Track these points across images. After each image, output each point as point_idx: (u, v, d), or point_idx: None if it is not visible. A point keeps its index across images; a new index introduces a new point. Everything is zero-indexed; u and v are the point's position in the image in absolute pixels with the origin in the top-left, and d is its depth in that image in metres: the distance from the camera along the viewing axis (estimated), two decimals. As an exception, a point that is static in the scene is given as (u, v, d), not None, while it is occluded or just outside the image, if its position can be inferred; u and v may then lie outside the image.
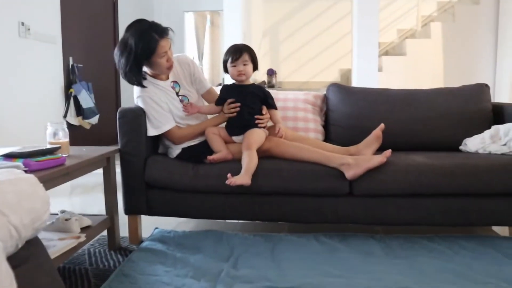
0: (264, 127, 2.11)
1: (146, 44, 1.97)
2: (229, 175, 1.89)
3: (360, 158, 1.96)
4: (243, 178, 1.89)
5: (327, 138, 2.45)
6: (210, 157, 2.02)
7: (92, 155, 1.83)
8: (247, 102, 2.10)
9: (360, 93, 2.54)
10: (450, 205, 1.97)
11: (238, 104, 2.09)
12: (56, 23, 4.03)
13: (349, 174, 1.93)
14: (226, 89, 2.18)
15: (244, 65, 2.09)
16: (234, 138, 2.10)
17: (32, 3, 3.66)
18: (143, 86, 2.08)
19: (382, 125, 2.12)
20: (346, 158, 1.96)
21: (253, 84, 2.17)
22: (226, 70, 2.16)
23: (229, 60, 2.11)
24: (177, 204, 2.08)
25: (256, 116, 2.09)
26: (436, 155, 2.13)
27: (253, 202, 2.03)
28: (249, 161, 1.95)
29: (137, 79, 2.05)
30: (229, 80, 2.26)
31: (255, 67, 2.16)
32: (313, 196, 1.97)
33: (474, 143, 2.23)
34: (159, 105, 2.08)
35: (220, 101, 2.15)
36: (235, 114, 2.09)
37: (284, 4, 6.30)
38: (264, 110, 2.13)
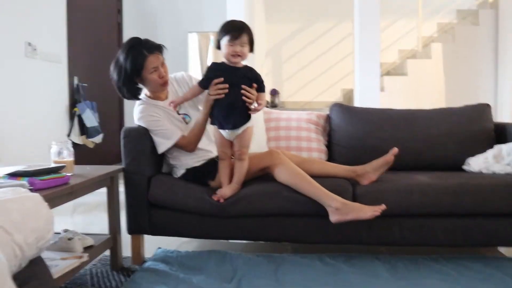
0: (251, 109, 1.93)
1: (133, 59, 1.99)
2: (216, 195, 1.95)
3: (350, 206, 1.87)
4: (232, 189, 1.96)
5: (330, 158, 2.45)
6: (215, 198, 1.96)
7: (96, 174, 1.83)
8: (238, 85, 1.90)
9: (362, 113, 2.55)
10: (455, 226, 1.95)
11: (226, 85, 1.90)
12: (63, 43, 4.08)
13: (334, 218, 1.88)
14: (213, 68, 1.97)
15: (242, 46, 1.90)
16: (222, 132, 1.98)
17: (39, 23, 3.71)
18: (137, 99, 2.11)
19: (395, 150, 2.03)
20: (336, 201, 1.87)
21: (245, 66, 1.96)
22: (218, 47, 1.96)
23: (227, 38, 1.89)
24: (180, 224, 2.06)
25: (243, 97, 1.89)
26: (439, 174, 2.12)
27: (256, 223, 2.02)
28: (241, 173, 1.97)
29: (130, 94, 2.08)
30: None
31: (251, 49, 1.96)
32: (316, 217, 1.96)
33: (477, 163, 2.22)
34: (161, 121, 2.08)
35: (206, 81, 1.95)
36: (222, 95, 1.91)
37: (287, 25, 6.38)
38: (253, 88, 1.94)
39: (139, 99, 2.13)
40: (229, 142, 1.99)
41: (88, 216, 3.15)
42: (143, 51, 2.00)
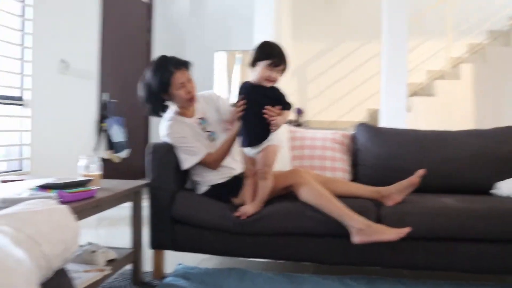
0: (275, 124, 1.91)
1: (160, 76, 2.07)
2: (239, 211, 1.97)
3: (374, 227, 1.85)
4: (255, 207, 1.96)
5: (354, 178, 2.44)
6: (238, 214, 1.97)
7: (121, 188, 1.87)
8: (257, 104, 1.93)
9: (389, 133, 2.53)
10: (482, 251, 1.90)
11: (242, 102, 1.95)
12: (94, 60, 4.23)
13: (357, 239, 1.85)
14: (240, 87, 2.03)
15: (277, 73, 1.95)
16: (245, 150, 2.01)
17: (73, 41, 3.86)
18: (159, 116, 2.17)
19: (421, 171, 2.00)
20: (359, 222, 1.86)
21: (272, 87, 1.98)
22: (253, 65, 1.97)
23: (267, 62, 1.92)
24: (203, 241, 2.08)
25: (265, 110, 1.91)
26: (467, 198, 2.09)
27: (278, 241, 2.02)
28: (264, 192, 1.98)
29: (153, 111, 2.15)
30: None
31: (284, 72, 2.00)
32: (339, 237, 1.94)
33: (506, 187, 2.17)
34: (187, 138, 2.12)
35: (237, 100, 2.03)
36: (241, 113, 1.96)
37: (313, 44, 6.42)
38: (277, 108, 1.95)
39: (160, 116, 2.18)
40: (253, 160, 2.01)
41: (111, 229, 3.20)
42: (169, 67, 2.07)
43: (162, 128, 2.17)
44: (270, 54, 1.93)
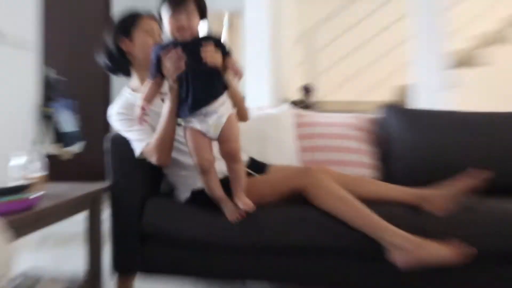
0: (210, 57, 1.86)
1: (124, 17, 2.20)
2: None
3: (423, 245, 1.77)
4: (247, 202, 1.91)
5: (385, 177, 2.41)
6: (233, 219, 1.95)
7: (72, 194, 1.86)
8: (196, 61, 1.85)
9: (427, 116, 2.55)
10: None
11: (179, 50, 1.85)
12: (32, 25, 4.11)
13: (401, 261, 1.79)
14: (158, 49, 1.93)
15: (188, 17, 1.87)
16: (201, 128, 1.90)
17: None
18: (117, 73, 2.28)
19: (485, 173, 1.92)
20: (401, 237, 1.79)
21: (197, 37, 1.91)
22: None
23: (168, 10, 1.88)
24: (183, 261, 2.05)
25: (202, 49, 1.84)
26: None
27: (283, 260, 1.99)
28: (244, 179, 1.94)
29: (111, 63, 2.23)
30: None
31: (203, 16, 1.94)
32: (373, 259, 1.88)
33: None
34: (134, 121, 2.02)
35: (155, 67, 1.91)
36: (183, 67, 1.85)
37: (322, 5, 6.40)
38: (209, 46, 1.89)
39: (119, 73, 2.27)
40: (210, 143, 1.93)
41: (61, 250, 3.18)
42: (137, 11, 2.21)
43: (109, 109, 2.18)
44: (164, 1, 1.92)
